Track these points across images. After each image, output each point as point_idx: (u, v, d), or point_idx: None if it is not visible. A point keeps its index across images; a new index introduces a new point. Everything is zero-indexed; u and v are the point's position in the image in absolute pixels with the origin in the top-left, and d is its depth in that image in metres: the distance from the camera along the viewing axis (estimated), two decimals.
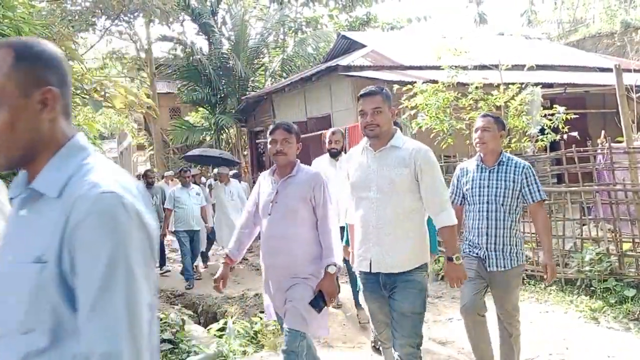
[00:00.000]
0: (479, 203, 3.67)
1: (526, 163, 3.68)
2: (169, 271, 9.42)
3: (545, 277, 3.64)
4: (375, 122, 3.02)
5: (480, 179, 3.69)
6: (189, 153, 12.63)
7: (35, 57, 1.23)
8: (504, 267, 3.61)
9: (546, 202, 6.83)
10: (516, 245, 3.65)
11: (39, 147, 1.24)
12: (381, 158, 3.08)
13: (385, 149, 3.08)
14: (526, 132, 7.61)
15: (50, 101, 1.22)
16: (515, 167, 3.64)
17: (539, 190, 3.62)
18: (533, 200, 3.63)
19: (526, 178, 3.61)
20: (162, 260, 9.43)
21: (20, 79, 1.20)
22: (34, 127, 1.22)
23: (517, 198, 3.64)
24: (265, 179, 3.62)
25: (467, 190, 3.75)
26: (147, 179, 9.55)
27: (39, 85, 1.22)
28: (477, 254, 3.67)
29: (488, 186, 3.65)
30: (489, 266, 3.62)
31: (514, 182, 3.61)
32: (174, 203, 8.68)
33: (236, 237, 3.65)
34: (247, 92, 18.34)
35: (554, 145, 7.77)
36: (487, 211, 3.63)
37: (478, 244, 3.67)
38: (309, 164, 5.01)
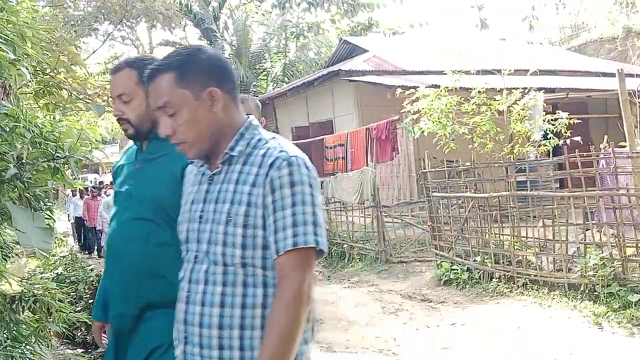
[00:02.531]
0: (186, 251, 1.63)
1: (284, 154, 1.51)
2: None
3: None
4: None
5: (192, 203, 1.62)
6: None
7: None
8: None
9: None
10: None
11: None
12: None
13: None
14: (529, 137, 7.62)
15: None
16: (261, 166, 1.51)
17: (294, 226, 1.44)
18: (277, 250, 1.45)
19: (272, 191, 1.47)
20: None
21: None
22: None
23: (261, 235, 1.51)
24: None
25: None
26: None
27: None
28: None
29: (202, 214, 1.57)
30: None
31: (250, 194, 1.49)
32: None
33: None
34: None
35: (556, 150, 7.78)
36: (192, 270, 1.56)
37: (175, 338, 1.61)
38: None
